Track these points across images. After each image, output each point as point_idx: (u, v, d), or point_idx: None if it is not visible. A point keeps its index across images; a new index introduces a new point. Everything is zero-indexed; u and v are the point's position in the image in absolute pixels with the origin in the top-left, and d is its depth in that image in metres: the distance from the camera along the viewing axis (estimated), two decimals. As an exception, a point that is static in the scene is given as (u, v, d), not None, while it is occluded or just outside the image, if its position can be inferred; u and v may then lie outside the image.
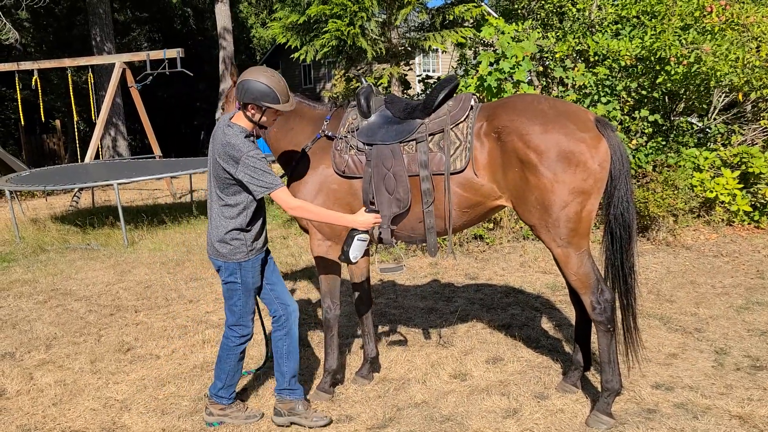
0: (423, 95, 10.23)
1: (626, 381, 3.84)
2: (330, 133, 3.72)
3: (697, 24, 7.42)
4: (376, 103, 3.66)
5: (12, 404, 4.02)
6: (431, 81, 10.23)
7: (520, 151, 3.28)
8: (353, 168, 3.63)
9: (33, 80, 13.63)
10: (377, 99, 3.69)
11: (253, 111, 3.29)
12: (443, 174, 3.46)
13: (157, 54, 13.24)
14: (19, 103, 14.55)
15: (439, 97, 3.53)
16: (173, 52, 12.81)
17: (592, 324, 3.79)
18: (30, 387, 4.26)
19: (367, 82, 3.74)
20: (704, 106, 8.22)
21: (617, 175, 3.34)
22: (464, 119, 3.48)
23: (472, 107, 3.52)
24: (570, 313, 5.12)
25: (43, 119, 15.76)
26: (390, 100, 3.68)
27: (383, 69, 9.38)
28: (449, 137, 3.46)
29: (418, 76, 11.42)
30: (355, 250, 3.43)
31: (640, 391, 3.75)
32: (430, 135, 3.52)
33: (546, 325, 4.96)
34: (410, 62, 10.26)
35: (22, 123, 16.46)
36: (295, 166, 3.77)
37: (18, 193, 12.17)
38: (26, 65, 14.00)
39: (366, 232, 3.44)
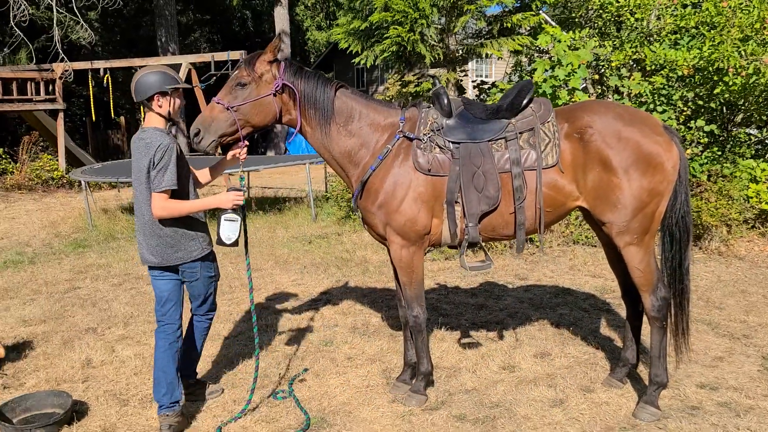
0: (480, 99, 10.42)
1: (671, 380, 3.99)
2: (411, 134, 3.64)
3: (757, 36, 7.40)
4: (455, 104, 3.73)
5: (98, 372, 4.44)
6: (486, 87, 10.42)
7: (603, 152, 3.41)
8: (438, 167, 3.59)
9: (105, 78, 14.43)
10: (455, 100, 3.78)
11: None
12: (534, 170, 3.53)
13: (221, 55, 13.86)
14: (91, 99, 15.42)
15: (525, 98, 3.62)
16: (236, 54, 13.39)
17: (642, 322, 3.97)
18: (113, 358, 4.68)
19: (439, 83, 3.89)
20: (763, 117, 8.16)
21: (682, 180, 3.51)
22: (550, 119, 3.58)
23: (551, 109, 3.65)
24: (618, 315, 5.25)
25: (112, 116, 16.64)
26: (467, 102, 3.78)
27: (439, 74, 9.63)
28: (540, 135, 3.55)
29: (472, 81, 11.64)
30: (226, 231, 3.45)
31: (685, 390, 3.88)
32: (519, 133, 3.59)
33: (594, 325, 5.11)
34: (464, 68, 10.49)
35: (93, 119, 17.38)
36: (375, 169, 3.65)
37: (89, 185, 12.88)
38: (99, 64, 14.84)
39: (234, 211, 3.47)
